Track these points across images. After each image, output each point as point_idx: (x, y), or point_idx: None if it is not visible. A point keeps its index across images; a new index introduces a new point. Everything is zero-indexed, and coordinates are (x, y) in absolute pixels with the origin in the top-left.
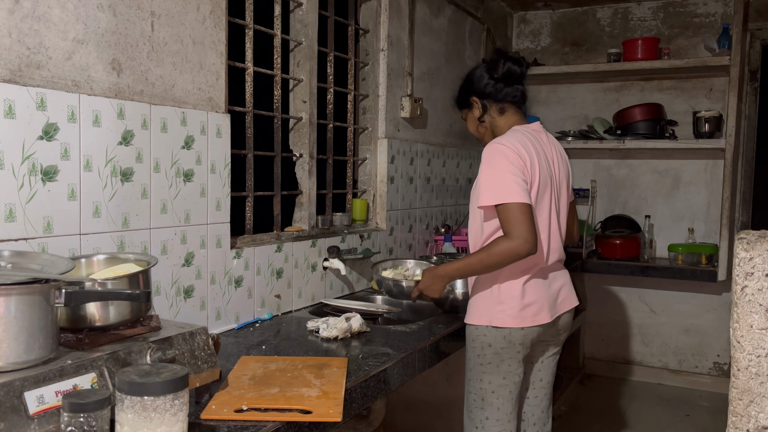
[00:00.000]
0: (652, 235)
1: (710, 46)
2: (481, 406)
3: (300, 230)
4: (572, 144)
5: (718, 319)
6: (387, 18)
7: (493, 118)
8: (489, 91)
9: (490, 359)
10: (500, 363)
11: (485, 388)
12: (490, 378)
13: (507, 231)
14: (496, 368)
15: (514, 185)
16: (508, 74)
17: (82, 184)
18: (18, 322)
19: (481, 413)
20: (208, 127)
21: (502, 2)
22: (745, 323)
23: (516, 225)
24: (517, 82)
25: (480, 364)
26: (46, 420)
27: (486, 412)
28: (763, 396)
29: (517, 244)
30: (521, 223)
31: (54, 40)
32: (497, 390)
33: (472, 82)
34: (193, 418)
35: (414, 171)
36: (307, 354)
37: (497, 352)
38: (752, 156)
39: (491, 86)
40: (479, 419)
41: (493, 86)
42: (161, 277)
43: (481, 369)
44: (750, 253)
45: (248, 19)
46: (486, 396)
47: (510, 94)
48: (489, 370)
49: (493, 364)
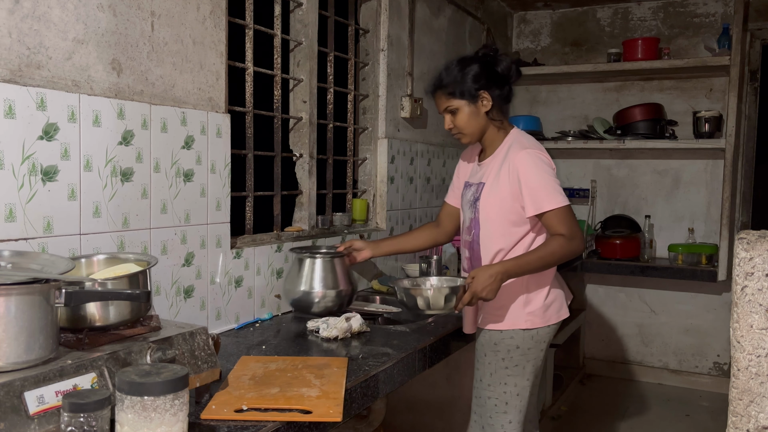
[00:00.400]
0: (652, 235)
1: (710, 46)
2: (504, 410)
3: (300, 230)
4: (572, 144)
5: (718, 319)
6: (387, 18)
7: (494, 117)
8: (503, 87)
9: (516, 361)
10: (526, 364)
11: (510, 391)
12: (516, 380)
13: (564, 232)
14: (522, 370)
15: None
16: (510, 72)
17: (82, 184)
18: (18, 322)
19: (504, 417)
20: (208, 127)
21: (502, 2)
22: (745, 323)
23: (572, 225)
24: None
25: (505, 367)
26: (46, 420)
27: (509, 416)
28: (763, 396)
29: (577, 244)
30: (575, 224)
31: (54, 40)
32: (522, 392)
33: (483, 73)
34: (193, 418)
35: (414, 171)
36: (307, 354)
37: (524, 354)
38: (752, 156)
39: (503, 84)
40: (500, 424)
41: (505, 85)
42: (161, 277)
43: (506, 372)
44: (750, 253)
45: (248, 19)
46: (510, 399)
47: (512, 95)
48: (515, 372)
49: (520, 366)
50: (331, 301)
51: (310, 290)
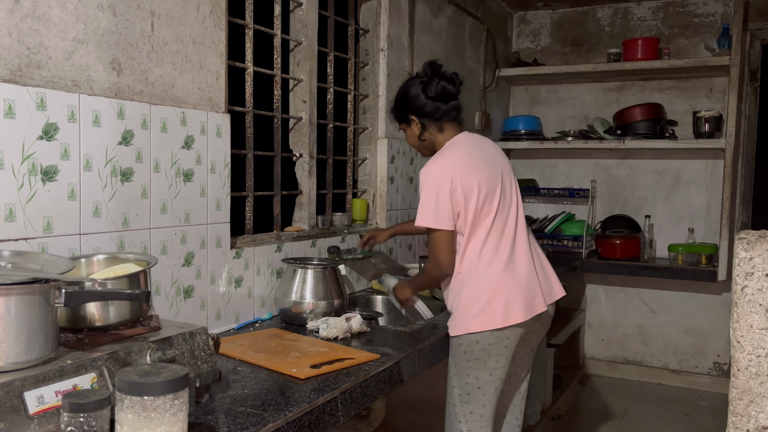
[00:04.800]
0: (652, 235)
1: (710, 46)
2: (466, 401)
3: (300, 230)
4: (572, 144)
5: (718, 319)
6: (387, 18)
7: (432, 135)
8: (427, 110)
9: (477, 355)
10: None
11: (471, 383)
12: (477, 374)
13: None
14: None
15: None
16: (443, 93)
17: (82, 184)
18: (18, 322)
19: (466, 407)
20: (208, 127)
21: (502, 2)
22: (745, 323)
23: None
24: (452, 99)
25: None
26: (46, 420)
27: (471, 407)
28: (763, 396)
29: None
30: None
31: (54, 40)
32: (484, 387)
33: (410, 101)
34: (193, 419)
35: (414, 171)
36: None
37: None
38: (752, 156)
39: (429, 106)
40: (462, 413)
41: (431, 106)
42: (161, 277)
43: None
44: (750, 253)
45: (248, 19)
46: (471, 391)
47: (447, 111)
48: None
49: (481, 360)
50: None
51: (301, 300)
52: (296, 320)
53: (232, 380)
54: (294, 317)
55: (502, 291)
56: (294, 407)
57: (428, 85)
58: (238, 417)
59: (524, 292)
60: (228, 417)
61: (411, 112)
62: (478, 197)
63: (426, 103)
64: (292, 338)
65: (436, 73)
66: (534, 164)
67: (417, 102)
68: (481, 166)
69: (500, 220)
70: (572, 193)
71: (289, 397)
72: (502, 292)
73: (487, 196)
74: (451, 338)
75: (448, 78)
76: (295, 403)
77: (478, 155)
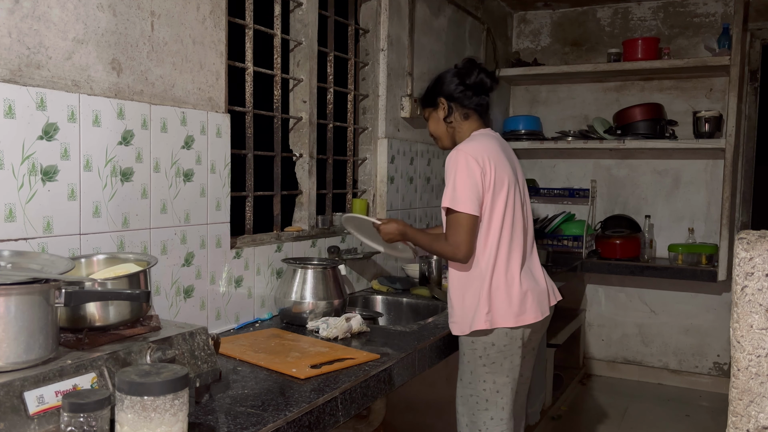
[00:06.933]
0: (652, 235)
1: (710, 46)
2: (485, 407)
3: (300, 230)
4: (572, 144)
5: (718, 319)
6: (387, 18)
7: (456, 122)
8: (457, 95)
9: (494, 359)
10: (503, 361)
11: (489, 389)
12: (495, 378)
13: (447, 236)
14: (500, 367)
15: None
16: (480, 84)
17: (82, 184)
18: (18, 322)
19: (486, 414)
20: (208, 127)
21: (502, 2)
22: (745, 323)
23: (455, 235)
24: (485, 92)
25: (483, 365)
26: (46, 420)
27: (491, 413)
28: (763, 396)
29: (452, 251)
30: (460, 234)
31: (54, 39)
32: (502, 389)
33: (442, 84)
34: (193, 419)
35: (414, 171)
36: None
37: (501, 351)
38: (752, 156)
39: (460, 91)
40: (482, 421)
41: (462, 92)
42: (161, 277)
43: (484, 370)
44: (750, 253)
45: (248, 19)
46: (490, 396)
47: (477, 102)
48: (493, 369)
49: (497, 363)
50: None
51: (301, 300)
52: (296, 320)
53: (232, 380)
54: (294, 317)
55: (521, 289)
56: (294, 407)
57: (467, 73)
58: (238, 417)
59: (538, 291)
60: (228, 417)
61: (441, 95)
62: (507, 191)
63: (458, 87)
64: (292, 338)
65: (477, 66)
66: (534, 164)
67: (450, 86)
68: (507, 162)
69: (519, 218)
70: (572, 193)
71: (289, 397)
72: (520, 291)
73: (509, 191)
74: (462, 340)
75: (489, 72)
76: (295, 403)
77: (503, 151)
